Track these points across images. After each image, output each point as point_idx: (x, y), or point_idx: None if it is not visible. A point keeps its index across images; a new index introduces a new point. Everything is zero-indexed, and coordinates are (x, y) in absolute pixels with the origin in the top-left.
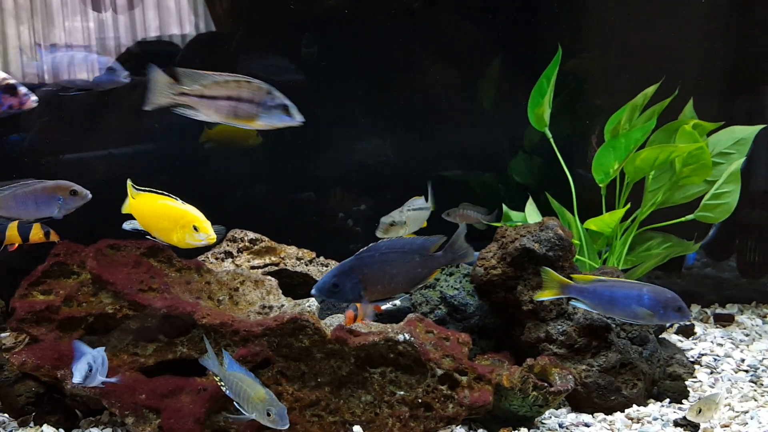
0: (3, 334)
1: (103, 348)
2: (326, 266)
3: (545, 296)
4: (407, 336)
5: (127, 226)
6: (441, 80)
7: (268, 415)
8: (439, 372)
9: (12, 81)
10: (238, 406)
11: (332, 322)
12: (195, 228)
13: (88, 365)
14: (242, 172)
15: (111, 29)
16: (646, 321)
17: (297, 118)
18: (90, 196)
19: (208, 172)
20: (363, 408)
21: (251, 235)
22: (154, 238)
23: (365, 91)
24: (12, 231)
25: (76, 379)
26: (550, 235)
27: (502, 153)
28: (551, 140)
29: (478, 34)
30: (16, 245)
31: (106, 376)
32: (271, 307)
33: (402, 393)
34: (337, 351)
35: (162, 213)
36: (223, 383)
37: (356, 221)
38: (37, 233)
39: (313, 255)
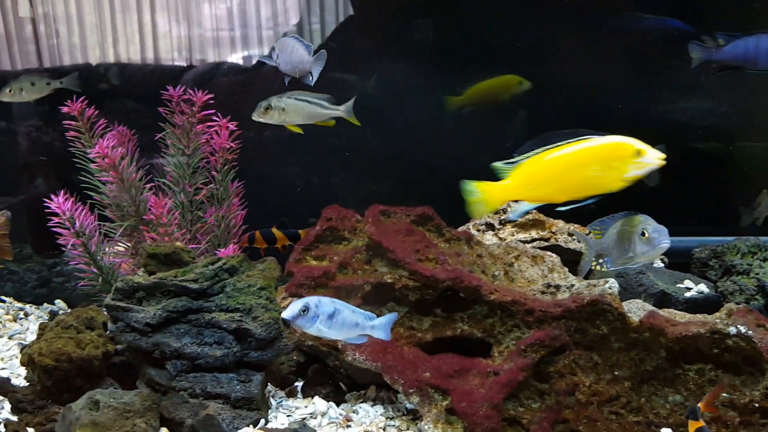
0: None
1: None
2: None
3: None
4: (742, 329)
5: (514, 215)
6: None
7: (643, 235)
8: None
9: None
10: (609, 264)
11: (629, 308)
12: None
13: (304, 305)
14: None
15: (253, 17)
16: None
17: None
18: None
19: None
20: (670, 409)
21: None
22: (562, 207)
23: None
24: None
25: (285, 313)
26: None
27: None
28: None
29: None
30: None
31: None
32: (557, 287)
33: (726, 395)
34: (643, 341)
35: (579, 161)
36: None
37: None
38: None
39: (586, 231)
